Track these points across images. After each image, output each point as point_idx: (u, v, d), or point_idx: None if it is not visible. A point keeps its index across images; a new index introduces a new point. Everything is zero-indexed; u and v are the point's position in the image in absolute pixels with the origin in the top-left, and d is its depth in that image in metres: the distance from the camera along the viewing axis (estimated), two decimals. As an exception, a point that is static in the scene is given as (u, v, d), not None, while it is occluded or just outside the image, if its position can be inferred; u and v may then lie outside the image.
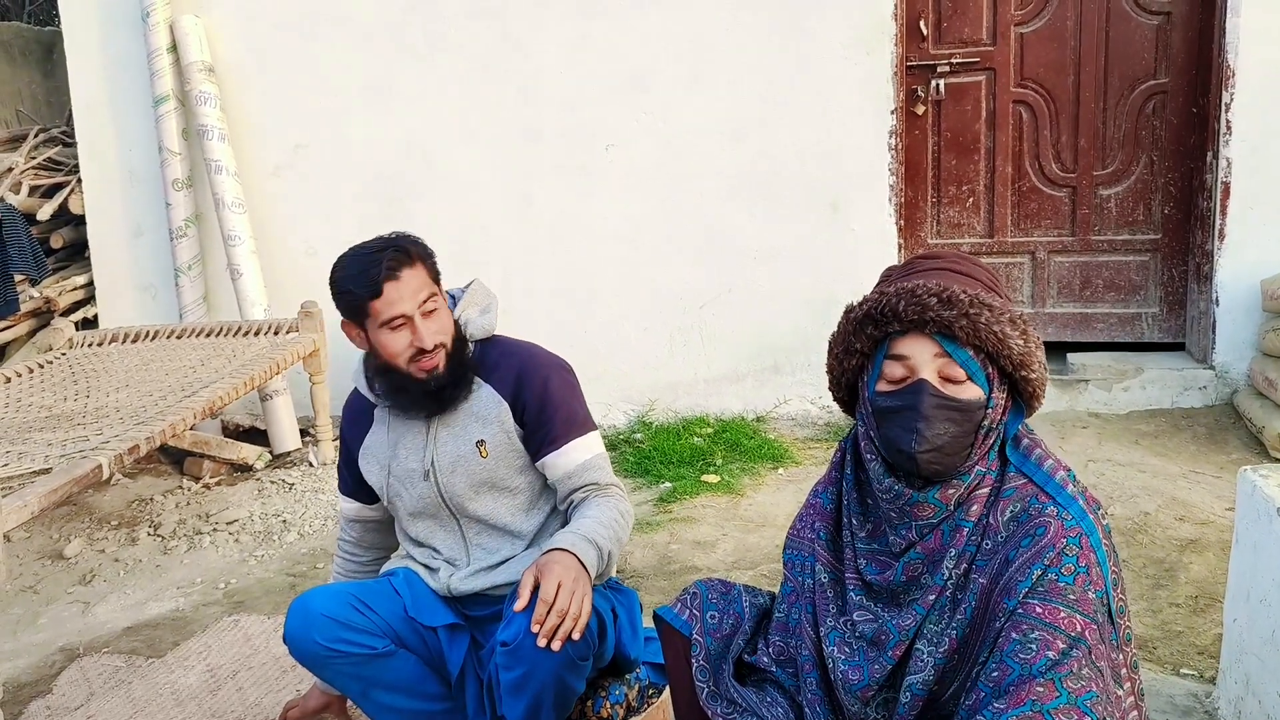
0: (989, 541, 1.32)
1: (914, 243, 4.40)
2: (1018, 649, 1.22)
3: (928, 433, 1.33)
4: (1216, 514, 3.13)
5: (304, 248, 4.60)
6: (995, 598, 1.28)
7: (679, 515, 3.46)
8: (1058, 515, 1.29)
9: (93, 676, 2.67)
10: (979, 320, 1.30)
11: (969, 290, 1.32)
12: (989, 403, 1.34)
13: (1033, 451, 1.37)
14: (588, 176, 4.36)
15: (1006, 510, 1.33)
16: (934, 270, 1.39)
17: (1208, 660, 2.41)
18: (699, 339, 4.38)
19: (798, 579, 1.52)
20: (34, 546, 3.57)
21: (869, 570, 1.42)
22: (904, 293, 1.33)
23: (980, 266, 1.42)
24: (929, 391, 1.33)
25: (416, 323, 1.87)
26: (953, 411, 1.33)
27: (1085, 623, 1.23)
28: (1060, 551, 1.26)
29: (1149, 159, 4.18)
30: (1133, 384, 4.05)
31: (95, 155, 4.71)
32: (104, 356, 3.94)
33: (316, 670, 1.92)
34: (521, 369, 1.96)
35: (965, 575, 1.34)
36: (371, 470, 2.03)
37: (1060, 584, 1.25)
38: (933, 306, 1.31)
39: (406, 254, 1.89)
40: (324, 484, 3.89)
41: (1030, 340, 1.34)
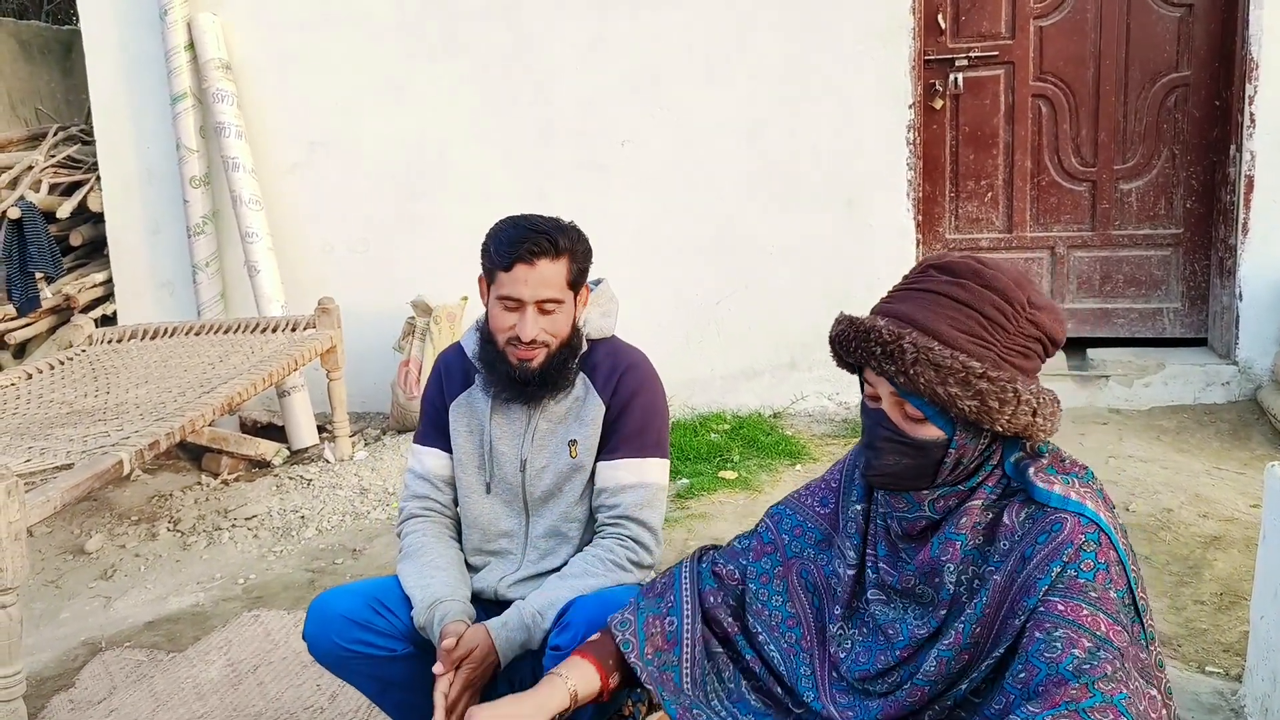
0: (1004, 541, 1.30)
1: (932, 238, 4.37)
2: (1043, 648, 1.20)
3: (876, 461, 1.36)
4: (1241, 510, 3.09)
5: (320, 244, 4.61)
6: (1014, 595, 1.26)
7: (696, 511, 3.45)
8: (1072, 513, 1.28)
9: (115, 670, 2.68)
10: (918, 381, 1.26)
11: (920, 342, 1.26)
12: (951, 443, 1.31)
13: (1037, 475, 1.32)
14: (603, 174, 4.35)
15: (1021, 511, 1.32)
16: (924, 296, 1.32)
17: (1233, 658, 2.39)
18: (715, 335, 4.37)
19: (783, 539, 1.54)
20: (56, 541, 3.59)
21: (880, 550, 1.43)
22: (860, 333, 1.32)
23: (988, 291, 1.30)
24: (882, 424, 1.35)
25: (527, 312, 1.84)
26: (905, 447, 1.33)
27: (1109, 623, 1.21)
28: (1079, 548, 1.24)
29: (1170, 152, 4.14)
30: (1154, 380, 4.02)
31: (114, 153, 4.74)
32: (123, 353, 3.96)
33: (334, 670, 1.92)
34: (623, 374, 1.95)
35: (977, 575, 1.32)
36: (460, 429, 1.99)
37: (1080, 580, 1.23)
38: (876, 356, 1.30)
39: (555, 246, 1.84)
40: (341, 480, 3.90)
41: (991, 397, 1.26)
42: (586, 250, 1.92)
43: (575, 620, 1.74)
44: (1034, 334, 1.31)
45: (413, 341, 4.33)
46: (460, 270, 3.73)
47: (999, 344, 1.29)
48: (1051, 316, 1.33)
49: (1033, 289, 1.33)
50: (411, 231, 4.50)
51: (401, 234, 4.53)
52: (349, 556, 3.33)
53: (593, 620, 1.72)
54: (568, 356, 1.91)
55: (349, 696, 2.42)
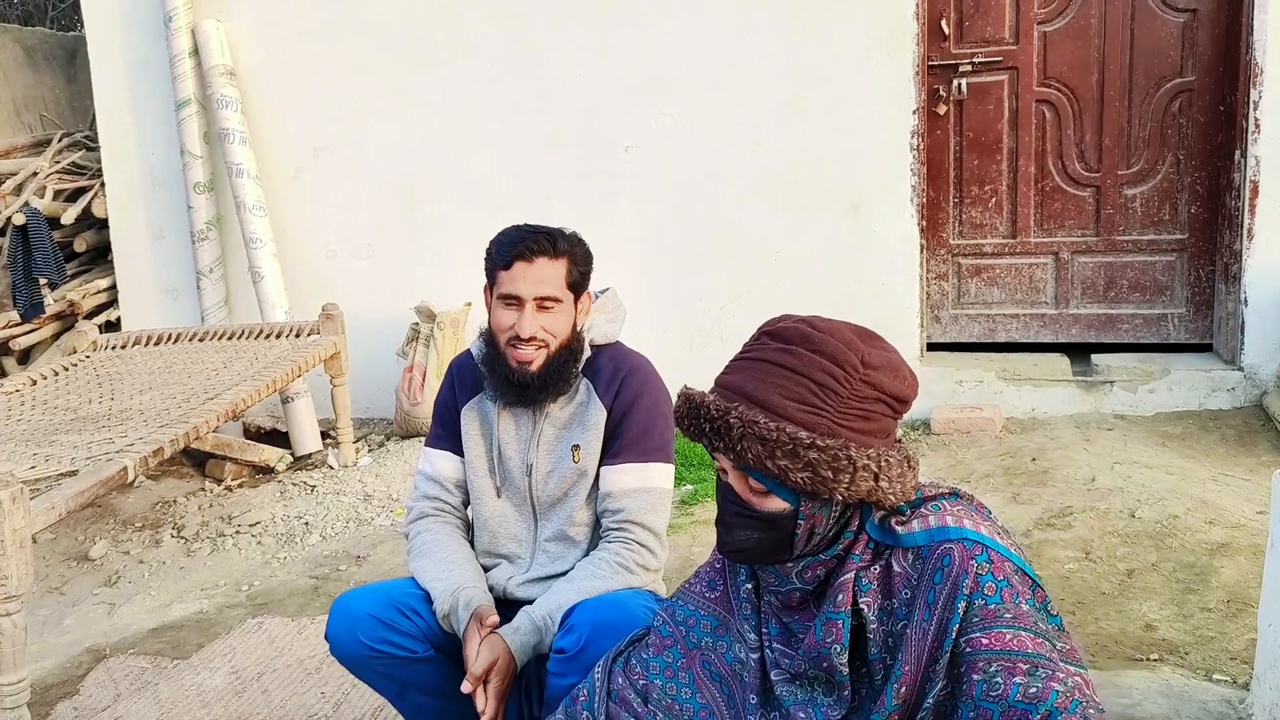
0: (904, 591, 1.27)
1: (936, 243, 4.37)
2: (985, 689, 1.17)
3: (728, 537, 1.34)
4: (1247, 517, 3.08)
5: (324, 250, 4.62)
6: (930, 642, 1.23)
7: (701, 518, 3.44)
8: (954, 541, 1.25)
9: (119, 678, 2.68)
10: (747, 455, 1.24)
11: (746, 415, 1.24)
12: (799, 514, 1.28)
13: (897, 524, 1.29)
14: (608, 180, 4.35)
15: (907, 555, 1.28)
16: (755, 365, 1.29)
17: (1240, 665, 2.37)
18: (718, 340, 4.36)
19: (680, 631, 1.48)
20: (60, 548, 3.59)
21: (772, 630, 1.39)
22: (692, 409, 1.29)
23: (817, 355, 1.26)
24: (730, 498, 1.32)
25: (526, 309, 1.86)
26: (754, 521, 1.30)
27: (1032, 638, 1.19)
28: (975, 575, 1.22)
29: (1175, 158, 4.14)
30: (1159, 385, 4.01)
31: (118, 159, 4.74)
32: (127, 359, 3.97)
33: (355, 670, 1.92)
34: (625, 378, 1.95)
35: (889, 634, 1.28)
36: (471, 433, 2.01)
37: (990, 607, 1.21)
38: (705, 433, 1.28)
39: (554, 246, 1.87)
40: (345, 486, 3.90)
41: (823, 467, 1.22)
42: (586, 255, 1.94)
43: (579, 623, 1.74)
44: (871, 395, 1.27)
45: (417, 347, 4.33)
46: (464, 276, 3.73)
47: (833, 409, 1.25)
48: (891, 375, 1.28)
49: (869, 349, 1.28)
50: (416, 237, 4.50)
51: (406, 240, 4.53)
52: (353, 563, 3.32)
53: (597, 623, 1.72)
54: (568, 359, 1.92)
55: (354, 704, 2.42)
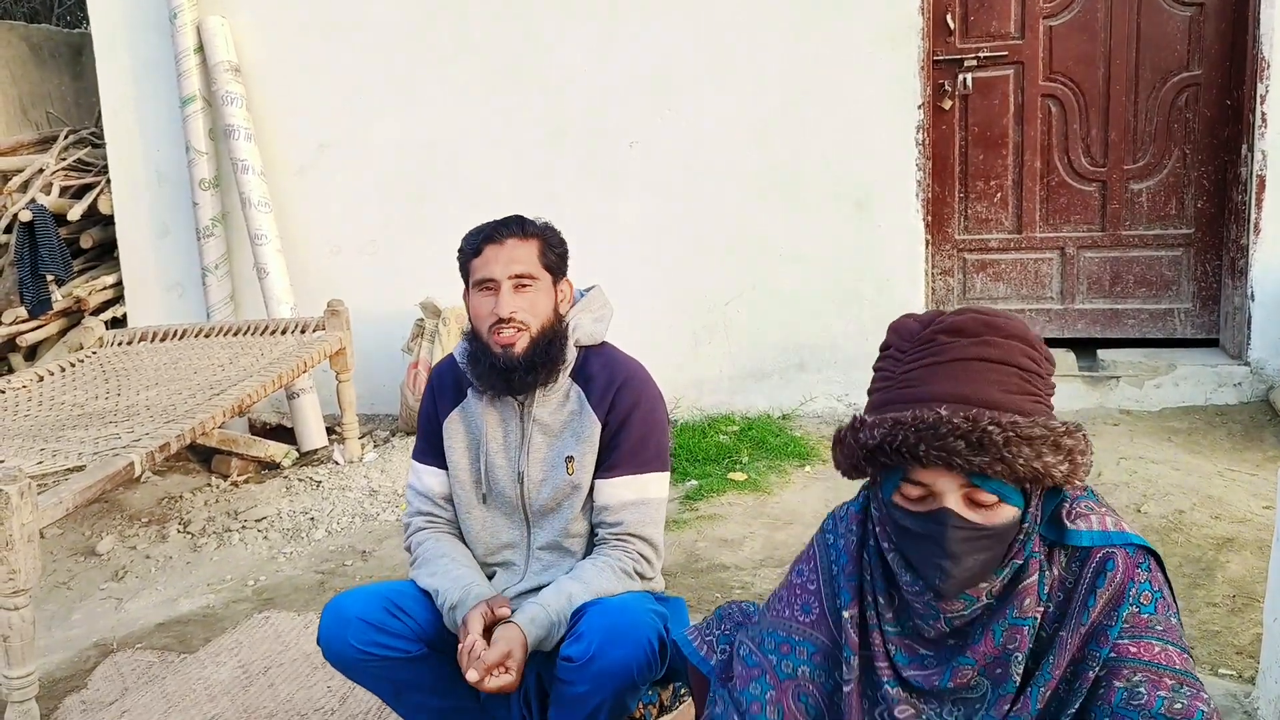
0: (1058, 594, 1.24)
1: (941, 239, 4.36)
2: (1127, 697, 1.16)
3: (954, 570, 1.19)
4: (1254, 512, 3.08)
5: (329, 246, 4.62)
6: (1083, 646, 1.21)
7: (705, 513, 3.44)
8: (1118, 547, 1.23)
9: (127, 672, 2.69)
10: (1016, 463, 1.14)
11: (1002, 420, 1.14)
12: (1024, 517, 1.21)
13: (1063, 520, 1.25)
14: (612, 176, 4.35)
15: (1061, 556, 1.25)
16: (954, 366, 1.19)
17: (1246, 660, 2.37)
18: (724, 337, 4.37)
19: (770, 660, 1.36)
20: (67, 543, 3.60)
21: (900, 658, 1.28)
22: (924, 430, 1.15)
23: (1013, 340, 1.20)
24: (954, 524, 1.18)
25: (503, 289, 1.86)
26: (984, 540, 1.19)
27: (1179, 653, 1.18)
28: (1139, 585, 1.21)
29: (1181, 152, 4.13)
30: (1165, 381, 4.00)
31: (123, 156, 4.75)
32: (133, 355, 3.98)
33: (349, 673, 1.91)
34: (619, 388, 1.91)
35: (1038, 638, 1.24)
36: (455, 445, 1.98)
37: (1144, 616, 1.20)
38: (960, 452, 1.14)
39: (522, 228, 1.89)
40: (350, 481, 3.91)
41: (1078, 454, 1.17)
42: (559, 239, 1.94)
43: (588, 631, 1.73)
44: (1051, 369, 1.24)
45: (421, 343, 4.34)
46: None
47: (1042, 390, 1.20)
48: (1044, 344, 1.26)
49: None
50: (420, 233, 4.50)
51: (410, 236, 4.53)
52: (358, 558, 3.33)
53: (606, 631, 1.71)
54: (552, 341, 1.89)
55: (360, 698, 2.42)
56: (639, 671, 1.73)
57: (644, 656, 1.73)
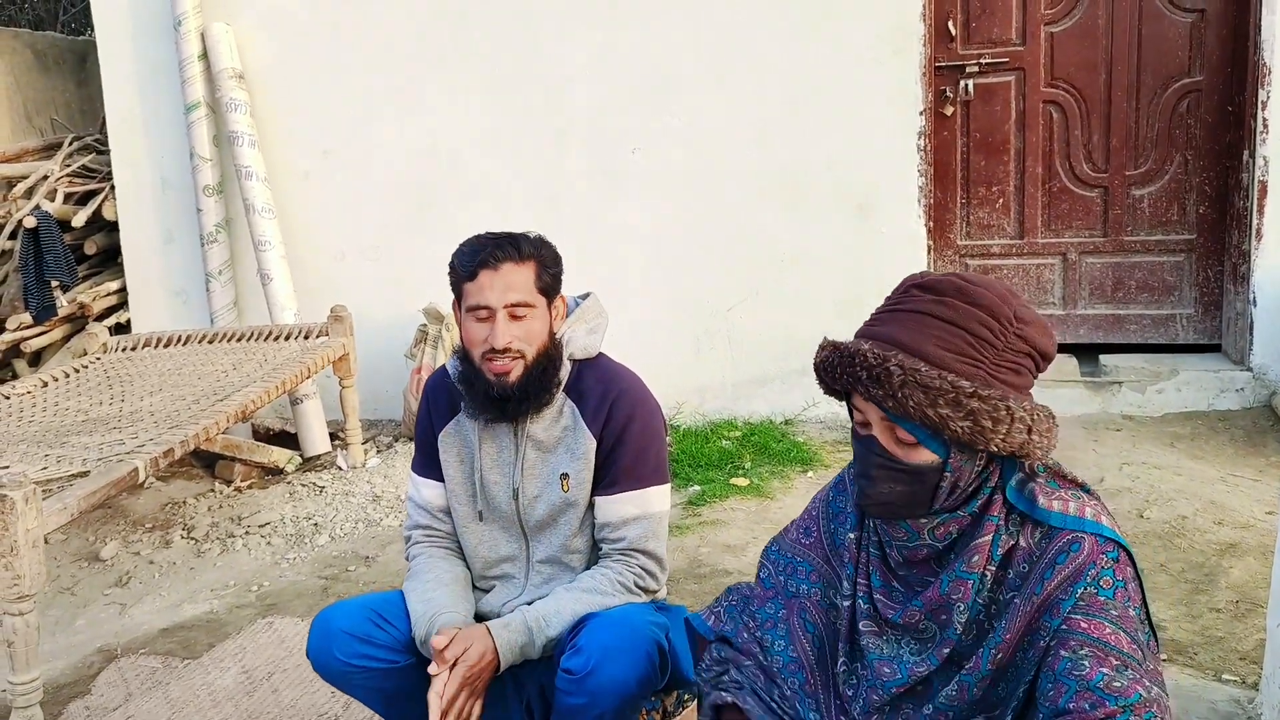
0: (1022, 564, 1.29)
1: (943, 244, 4.37)
2: (1070, 666, 1.20)
3: (870, 490, 1.32)
4: (1256, 518, 3.08)
5: (333, 252, 4.64)
6: (1037, 616, 1.25)
7: (708, 518, 3.45)
8: (1089, 533, 1.27)
9: (130, 678, 2.70)
10: (907, 404, 1.23)
11: (906, 364, 1.23)
12: (946, 466, 1.28)
13: (1038, 497, 1.31)
14: (614, 181, 4.36)
15: (1035, 532, 1.30)
16: (909, 316, 1.29)
17: (1249, 666, 2.37)
18: (726, 342, 4.37)
19: (780, 580, 1.51)
20: (71, 549, 3.61)
21: (875, 580, 1.40)
22: (845, 358, 1.28)
23: (974, 308, 1.27)
24: (875, 450, 1.31)
25: (498, 319, 1.80)
26: (899, 474, 1.30)
27: (1129, 641, 1.22)
28: (1100, 569, 1.24)
29: (1183, 158, 4.13)
30: (1167, 386, 4.00)
31: (128, 162, 4.77)
32: (137, 361, 3.98)
33: (338, 685, 1.92)
34: (613, 403, 1.89)
35: (994, 600, 1.31)
36: (450, 460, 1.96)
37: (1101, 598, 1.23)
38: (863, 381, 1.26)
39: (518, 251, 1.81)
40: (354, 487, 3.92)
41: (984, 416, 1.23)
42: (555, 257, 1.88)
43: (589, 646, 1.72)
44: (1023, 349, 1.29)
45: (424, 349, 4.34)
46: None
47: (988, 361, 1.27)
48: (1040, 330, 1.30)
49: (1019, 303, 1.31)
50: (423, 239, 4.51)
51: (413, 241, 4.54)
52: (362, 564, 3.34)
53: (606, 646, 1.70)
54: (546, 368, 1.86)
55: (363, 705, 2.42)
56: (639, 684, 1.72)
57: (644, 669, 1.72)
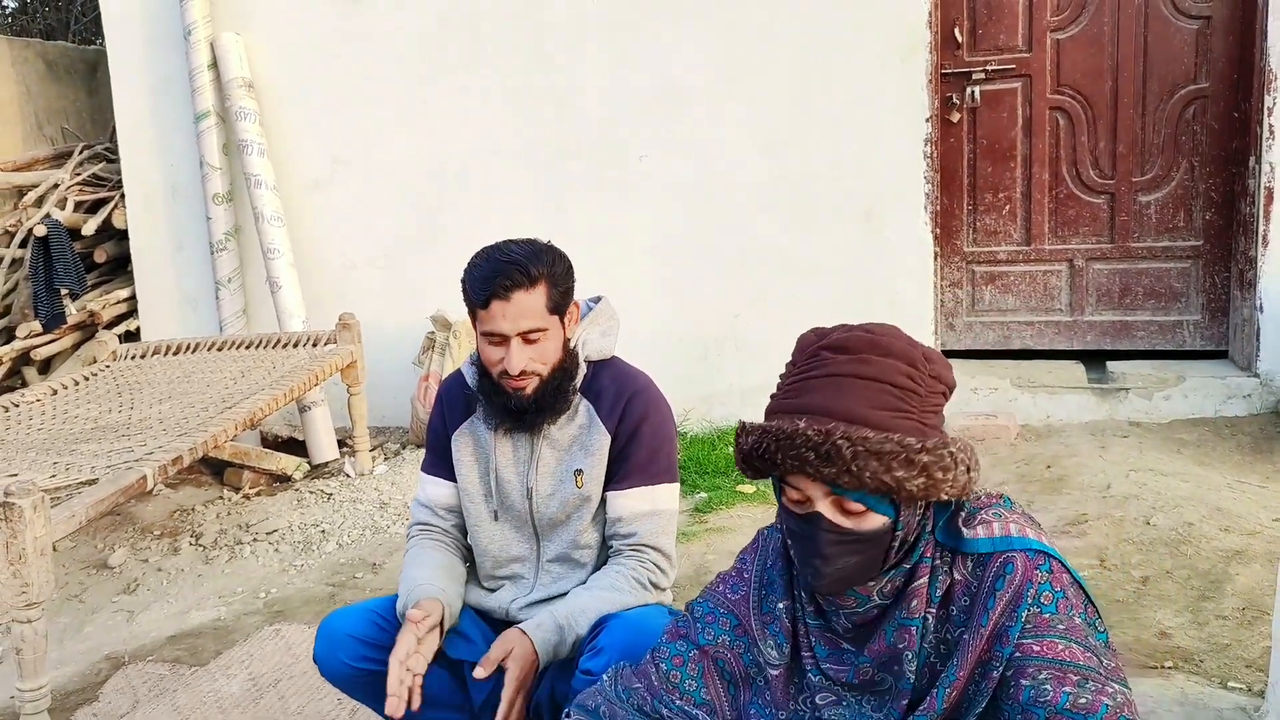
0: (963, 599, 1.28)
1: (950, 251, 4.37)
2: (1034, 694, 1.19)
3: (826, 570, 1.28)
4: (1263, 524, 3.07)
5: (342, 260, 4.66)
6: (987, 647, 1.25)
7: (715, 525, 3.45)
8: (1018, 551, 1.27)
9: (138, 685, 2.71)
10: (863, 475, 1.20)
11: (853, 434, 1.20)
12: (898, 525, 1.26)
13: (962, 529, 1.30)
14: (621, 189, 4.37)
15: (966, 562, 1.30)
16: (829, 381, 1.26)
17: (1256, 673, 2.36)
18: (733, 349, 4.38)
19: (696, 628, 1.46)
20: (79, 556, 3.63)
21: (820, 650, 1.37)
22: (782, 440, 1.23)
23: (890, 359, 1.26)
24: (824, 528, 1.26)
25: (512, 345, 1.83)
26: (854, 544, 1.26)
27: (1082, 651, 1.22)
28: (1037, 585, 1.24)
29: (1189, 164, 4.13)
30: (1174, 392, 3.99)
31: (138, 171, 4.80)
32: (146, 368, 4.01)
33: (346, 690, 1.93)
34: (629, 401, 1.92)
35: (943, 640, 1.30)
36: (464, 460, 1.99)
37: (1045, 616, 1.23)
38: (811, 461, 1.21)
39: (529, 276, 1.81)
40: (361, 494, 3.93)
41: (936, 470, 1.22)
42: (566, 271, 1.88)
43: (609, 645, 1.72)
44: (939, 389, 1.29)
45: (432, 356, 4.36)
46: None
47: (916, 410, 1.26)
48: (944, 366, 1.30)
49: (920, 344, 1.30)
50: (432, 247, 4.54)
51: (422, 249, 4.56)
52: (369, 570, 3.35)
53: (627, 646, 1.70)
54: (563, 380, 1.89)
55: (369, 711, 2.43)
56: None
57: None
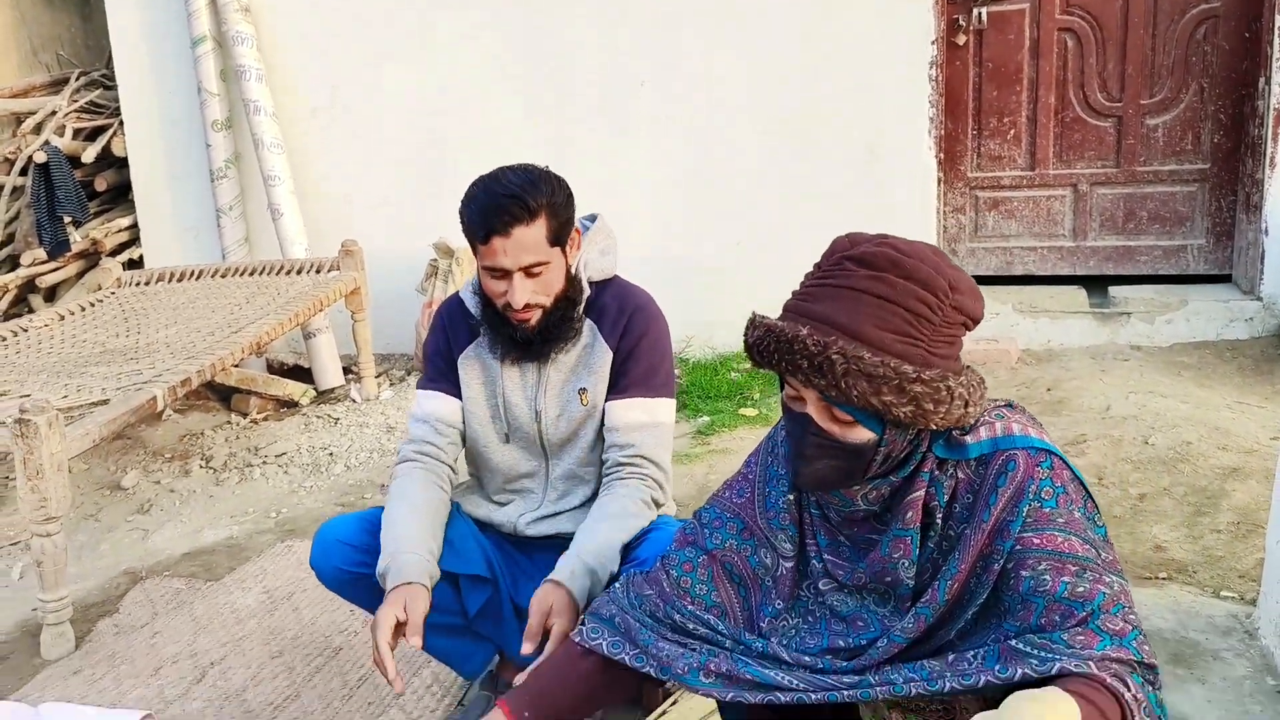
0: (966, 496, 1.30)
1: (953, 176, 4.35)
2: (1033, 585, 1.22)
3: (804, 469, 1.31)
4: (1261, 443, 3.10)
5: (342, 189, 4.64)
6: (988, 541, 1.27)
7: (717, 447, 3.49)
8: (1020, 449, 1.28)
9: (155, 597, 2.78)
10: (850, 393, 1.21)
11: (849, 351, 1.21)
12: (882, 442, 1.28)
13: (964, 435, 1.31)
14: (624, 117, 4.33)
15: (970, 463, 1.31)
16: (844, 294, 1.25)
17: (1249, 584, 2.42)
18: (735, 278, 4.37)
19: (703, 534, 1.49)
20: (93, 478, 3.68)
21: (822, 540, 1.40)
22: (782, 343, 1.24)
23: (910, 283, 1.25)
24: (810, 430, 1.29)
25: (514, 281, 1.82)
26: (834, 450, 1.29)
27: (1081, 543, 1.24)
28: (1039, 481, 1.27)
29: (1199, 86, 4.08)
30: (1176, 316, 4.00)
31: (135, 98, 4.75)
32: (151, 295, 4.02)
33: (342, 594, 2.00)
34: (631, 317, 1.93)
35: (945, 537, 1.32)
36: (471, 383, 1.99)
37: (1046, 510, 1.25)
38: (804, 369, 1.23)
39: (528, 210, 1.78)
40: (368, 419, 3.97)
41: (926, 400, 1.23)
42: (566, 199, 1.85)
43: (649, 557, 1.73)
44: (958, 320, 1.28)
45: (435, 283, 4.36)
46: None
47: (926, 338, 1.25)
48: (972, 297, 1.29)
49: (952, 271, 1.28)
50: (432, 174, 4.51)
51: (423, 176, 4.53)
52: (377, 491, 3.40)
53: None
54: (567, 309, 1.90)
55: (381, 621, 2.49)
56: None
57: None
